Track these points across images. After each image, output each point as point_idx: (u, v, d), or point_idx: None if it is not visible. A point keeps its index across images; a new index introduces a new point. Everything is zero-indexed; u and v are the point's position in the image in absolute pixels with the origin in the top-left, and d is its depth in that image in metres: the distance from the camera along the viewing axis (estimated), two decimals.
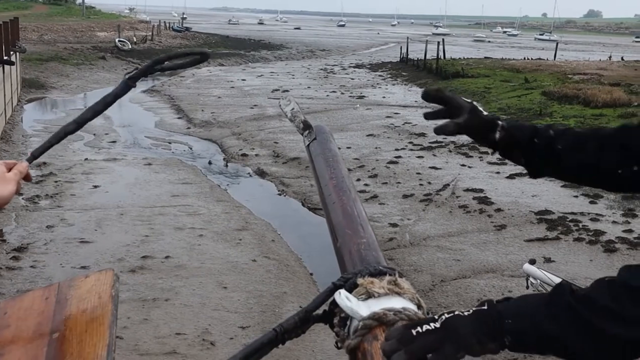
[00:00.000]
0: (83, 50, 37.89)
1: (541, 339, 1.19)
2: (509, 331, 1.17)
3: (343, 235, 1.20)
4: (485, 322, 1.17)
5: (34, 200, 10.20)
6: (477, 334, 1.14)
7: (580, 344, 1.19)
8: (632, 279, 1.20)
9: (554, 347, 1.20)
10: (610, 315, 1.17)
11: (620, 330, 1.16)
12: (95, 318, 1.06)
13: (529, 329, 1.19)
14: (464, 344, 1.12)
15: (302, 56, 53.30)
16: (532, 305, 1.21)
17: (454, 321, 1.11)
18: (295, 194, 11.45)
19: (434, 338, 1.06)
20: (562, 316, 1.18)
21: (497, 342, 1.16)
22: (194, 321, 6.43)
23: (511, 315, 1.19)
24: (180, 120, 19.57)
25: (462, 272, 7.67)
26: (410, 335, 1.04)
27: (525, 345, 1.20)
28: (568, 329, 1.19)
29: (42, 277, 7.36)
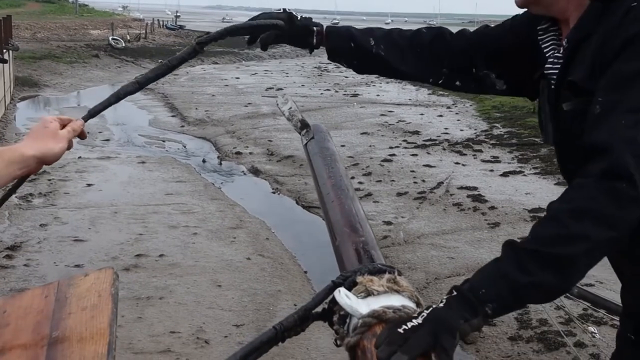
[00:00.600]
0: (76, 48, 37.76)
1: (518, 291, 1.25)
2: (488, 299, 1.23)
3: (341, 234, 1.21)
4: (463, 302, 1.22)
5: (27, 198, 10.17)
6: (462, 314, 1.19)
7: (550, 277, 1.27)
8: (555, 203, 1.37)
9: (530, 292, 1.26)
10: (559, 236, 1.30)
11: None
12: (95, 316, 1.06)
13: (504, 288, 1.25)
14: (455, 327, 1.15)
15: (296, 54, 53.17)
16: (493, 268, 1.29)
17: (435, 313, 1.13)
18: (289, 192, 11.46)
19: (426, 332, 1.08)
20: (524, 261, 1.24)
21: (480, 315, 1.21)
22: (188, 319, 6.42)
23: (482, 286, 1.24)
24: (174, 118, 19.55)
25: (456, 270, 7.68)
26: (399, 334, 1.05)
27: (506, 304, 1.27)
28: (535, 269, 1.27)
29: (35, 275, 7.34)
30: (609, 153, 1.38)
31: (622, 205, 1.32)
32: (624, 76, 1.51)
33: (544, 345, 5.87)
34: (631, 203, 1.32)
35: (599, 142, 1.42)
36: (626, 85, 1.49)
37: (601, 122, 1.47)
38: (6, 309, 1.14)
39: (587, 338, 5.84)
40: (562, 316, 6.09)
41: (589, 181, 1.37)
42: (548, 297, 1.33)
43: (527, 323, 6.25)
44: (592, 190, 1.35)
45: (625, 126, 1.41)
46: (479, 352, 5.94)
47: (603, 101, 1.50)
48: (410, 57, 2.05)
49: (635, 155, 1.36)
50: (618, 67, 1.53)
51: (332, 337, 1.15)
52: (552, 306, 5.80)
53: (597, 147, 1.42)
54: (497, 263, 1.31)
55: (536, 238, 1.33)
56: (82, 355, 0.98)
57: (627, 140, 1.39)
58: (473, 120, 18.46)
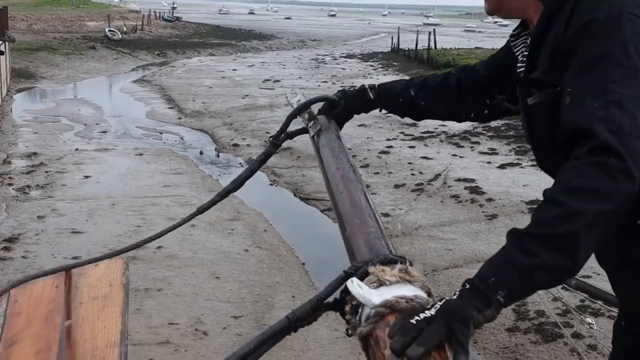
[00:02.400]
0: (73, 40, 37.66)
1: (527, 275, 1.28)
2: (498, 287, 1.25)
3: (351, 225, 1.21)
4: (474, 293, 1.24)
5: (24, 190, 10.16)
6: (475, 305, 1.20)
7: (554, 256, 1.30)
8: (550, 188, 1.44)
9: (537, 274, 1.29)
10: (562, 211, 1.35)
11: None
12: (106, 306, 1.06)
13: (512, 273, 1.28)
14: (468, 318, 1.16)
15: (293, 46, 53.19)
16: (500, 256, 1.32)
17: (448, 305, 1.14)
18: (287, 184, 11.46)
19: (440, 323, 1.09)
20: (527, 244, 1.26)
21: (493, 305, 1.23)
22: (186, 311, 6.43)
23: (491, 274, 1.27)
24: (171, 110, 19.52)
25: (454, 262, 7.70)
26: (412, 325, 1.06)
27: (516, 290, 1.29)
28: (538, 251, 1.30)
29: (34, 267, 7.34)
30: (590, 134, 1.45)
31: (613, 177, 1.37)
32: (585, 63, 1.60)
33: (541, 337, 5.89)
34: (622, 174, 1.38)
35: (577, 126, 1.50)
36: (589, 71, 1.57)
37: (574, 109, 1.55)
38: (17, 298, 1.15)
39: (584, 329, 5.87)
40: (560, 307, 6.11)
41: (578, 162, 1.43)
42: (556, 277, 1.36)
43: (525, 314, 6.27)
44: (582, 168, 1.41)
45: (597, 108, 1.49)
46: (476, 343, 5.96)
47: (571, 91, 1.59)
48: (444, 100, 2.28)
49: (613, 131, 1.43)
50: (579, 55, 1.62)
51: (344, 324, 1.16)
52: (549, 297, 5.82)
53: (577, 131, 1.50)
54: (503, 251, 1.34)
55: (536, 221, 1.37)
56: (94, 344, 0.99)
57: (602, 120, 1.46)
58: None
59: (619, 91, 1.52)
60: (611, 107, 1.49)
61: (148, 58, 37.54)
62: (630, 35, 1.59)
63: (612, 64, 1.56)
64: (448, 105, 2.27)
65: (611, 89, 1.52)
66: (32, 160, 12.20)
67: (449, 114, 2.34)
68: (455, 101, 2.26)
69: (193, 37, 52.90)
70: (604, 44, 1.59)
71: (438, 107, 2.29)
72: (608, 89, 1.52)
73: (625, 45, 1.58)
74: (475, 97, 2.25)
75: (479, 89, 2.24)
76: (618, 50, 1.57)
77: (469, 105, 2.27)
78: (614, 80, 1.53)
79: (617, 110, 1.49)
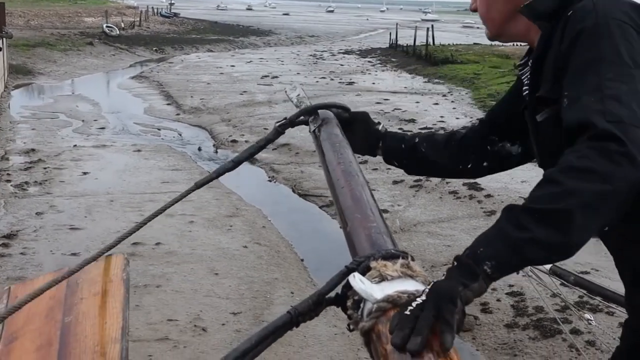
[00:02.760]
0: (70, 36, 37.61)
1: (517, 248, 1.29)
2: (486, 257, 1.26)
3: (352, 220, 1.21)
4: (461, 268, 1.25)
5: (22, 187, 10.16)
6: (460, 280, 1.22)
7: (546, 231, 1.31)
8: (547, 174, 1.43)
9: (529, 247, 1.29)
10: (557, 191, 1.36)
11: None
12: (107, 301, 1.06)
13: (502, 245, 1.29)
14: (454, 295, 1.17)
15: (291, 42, 53.15)
16: (492, 230, 1.34)
17: (436, 286, 1.15)
18: (285, 180, 11.46)
19: (430, 307, 1.09)
20: (521, 219, 1.28)
21: (479, 276, 1.23)
22: (185, 307, 6.43)
23: (481, 246, 1.28)
24: (169, 106, 19.50)
25: (453, 258, 7.71)
26: (407, 316, 1.06)
27: (505, 261, 1.29)
28: (531, 225, 1.31)
29: (32, 264, 7.34)
30: (590, 125, 1.47)
31: (613, 160, 1.38)
32: (578, 68, 1.64)
33: (540, 333, 5.90)
34: (623, 157, 1.38)
35: (577, 120, 1.52)
36: (583, 74, 1.61)
37: (572, 108, 1.58)
38: (17, 294, 1.15)
39: (583, 325, 5.88)
40: (558, 303, 6.12)
41: (579, 146, 1.45)
42: (548, 253, 1.36)
43: (524, 310, 6.29)
44: (583, 151, 1.42)
45: (594, 102, 1.52)
46: (475, 339, 5.97)
47: (568, 94, 1.62)
48: (446, 152, 2.29)
49: (612, 121, 1.45)
50: (573, 63, 1.66)
51: (343, 320, 1.16)
52: (548, 294, 5.82)
53: (577, 125, 1.51)
54: (496, 224, 1.35)
55: (532, 198, 1.38)
56: (95, 339, 0.99)
57: (600, 113, 1.48)
58: (469, 109, 18.46)
59: (615, 86, 1.54)
60: (607, 101, 1.51)
61: (146, 54, 37.51)
62: (619, 39, 1.63)
63: (604, 63, 1.59)
64: (448, 156, 2.28)
65: (606, 85, 1.55)
66: (30, 156, 12.19)
67: (445, 165, 2.33)
68: (456, 152, 2.28)
69: (191, 33, 52.82)
70: (595, 49, 1.63)
71: (437, 157, 2.29)
72: (603, 85, 1.55)
73: (616, 47, 1.62)
74: (475, 146, 2.27)
75: (480, 138, 2.27)
76: (610, 52, 1.61)
77: (467, 156, 2.28)
78: (608, 78, 1.56)
79: (614, 103, 1.50)
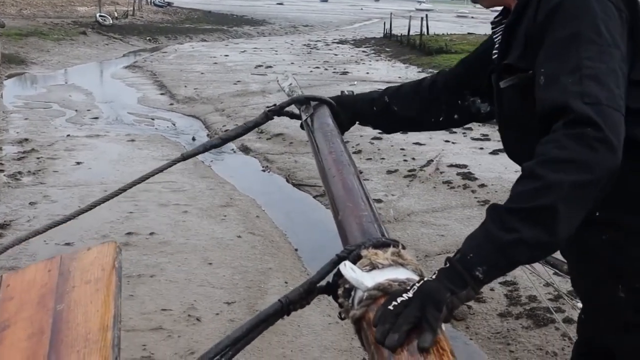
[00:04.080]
0: (63, 25, 37.38)
1: (506, 251, 1.27)
2: (477, 263, 1.25)
3: (344, 209, 1.21)
4: (451, 273, 1.24)
5: (16, 176, 10.13)
6: (448, 287, 1.21)
7: (532, 230, 1.29)
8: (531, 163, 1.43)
9: (517, 249, 1.28)
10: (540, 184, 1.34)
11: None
12: (99, 289, 1.06)
13: (491, 249, 1.27)
14: (441, 301, 1.17)
15: (285, 32, 52.98)
16: (479, 232, 1.31)
17: (424, 286, 1.15)
18: (279, 170, 11.45)
19: (414, 307, 1.09)
20: (506, 220, 1.26)
21: (470, 284, 1.22)
22: (179, 297, 6.43)
23: (470, 251, 1.27)
24: (163, 96, 19.44)
25: (446, 247, 7.72)
26: (389, 312, 1.06)
27: (495, 265, 1.29)
28: (517, 225, 1.30)
29: (25, 253, 7.32)
30: (567, 108, 1.44)
31: (592, 147, 1.36)
32: (556, 44, 1.59)
33: (533, 322, 5.92)
34: (601, 144, 1.37)
35: (553, 103, 1.50)
36: (561, 51, 1.56)
37: (549, 88, 1.54)
38: (9, 283, 1.14)
39: (575, 314, 5.87)
40: (552, 292, 6.15)
41: (556, 134, 1.42)
42: (537, 252, 1.35)
43: (517, 300, 6.31)
44: (559, 140, 1.39)
45: (572, 83, 1.48)
46: (468, 328, 5.99)
47: (545, 72, 1.58)
48: (415, 104, 2.25)
49: (589, 103, 1.42)
50: (550, 38, 1.61)
51: (337, 310, 1.16)
52: (541, 283, 5.86)
53: (554, 108, 1.49)
54: (483, 226, 1.34)
55: (514, 196, 1.37)
56: (87, 327, 0.99)
57: (578, 94, 1.45)
58: None
59: (594, 66, 1.51)
60: (586, 81, 1.48)
61: (139, 44, 37.34)
62: (600, 15, 1.59)
63: (583, 41, 1.55)
64: (419, 109, 2.24)
65: (585, 65, 1.51)
66: (23, 146, 12.15)
67: (417, 119, 2.29)
68: (426, 104, 2.23)
69: (185, 23, 52.61)
70: (574, 25, 1.58)
71: (409, 111, 2.24)
72: (582, 65, 1.51)
73: (595, 24, 1.57)
74: (446, 98, 2.22)
75: (450, 89, 2.22)
76: (589, 29, 1.56)
77: (438, 108, 2.23)
78: (587, 57, 1.53)
79: (592, 83, 1.47)
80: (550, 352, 5.48)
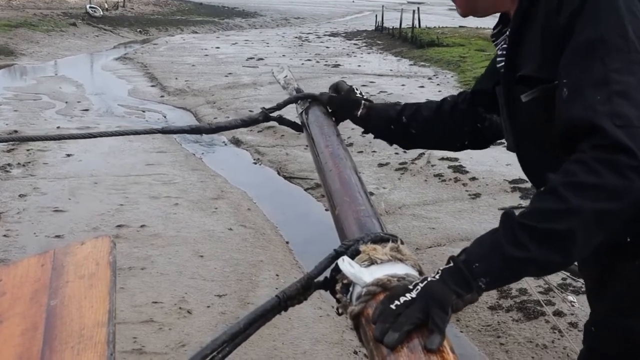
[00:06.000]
0: (53, 16, 37.11)
1: (513, 267, 1.25)
2: (481, 274, 1.22)
3: (341, 203, 1.19)
4: (456, 276, 1.21)
5: (5, 168, 10.07)
6: (454, 289, 1.19)
7: (546, 252, 1.24)
8: (552, 180, 1.34)
9: (526, 267, 1.26)
10: (556, 209, 1.27)
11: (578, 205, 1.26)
12: (94, 284, 1.05)
13: (498, 263, 1.24)
14: (446, 303, 1.15)
15: (277, 24, 52.82)
16: (490, 240, 1.27)
17: (428, 287, 1.13)
18: (270, 163, 11.43)
19: (418, 308, 1.07)
20: (520, 236, 1.23)
21: (473, 290, 1.21)
22: (170, 290, 6.42)
23: (476, 259, 1.24)
24: (153, 88, 19.35)
25: (437, 240, 7.73)
26: (391, 310, 1.04)
27: (500, 279, 1.26)
28: (530, 244, 1.23)
29: (15, 246, 7.29)
30: (596, 130, 1.34)
31: (624, 175, 1.28)
32: (580, 49, 1.47)
33: (523, 315, 5.94)
34: (633, 172, 1.28)
35: (580, 120, 1.38)
36: (585, 59, 1.45)
37: (573, 102, 1.42)
38: (2, 277, 1.13)
39: (565, 307, 5.93)
40: (542, 286, 6.17)
41: (585, 155, 1.33)
42: (545, 271, 1.32)
43: (507, 292, 6.32)
44: (590, 164, 1.30)
45: (600, 102, 1.37)
46: (459, 321, 6.00)
47: (568, 82, 1.46)
48: (437, 129, 2.18)
49: (621, 126, 1.32)
50: (573, 42, 1.48)
51: (328, 302, 1.15)
52: None
53: (580, 126, 1.38)
54: (493, 235, 1.29)
55: (534, 212, 1.30)
56: (82, 323, 0.97)
57: (608, 115, 1.34)
58: (454, 91, 18.35)
59: (622, 80, 1.39)
60: (615, 99, 1.36)
61: (130, 35, 37.16)
62: (626, 15, 1.45)
63: (610, 49, 1.42)
64: (442, 134, 2.17)
65: (613, 79, 1.39)
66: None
67: (442, 143, 2.24)
68: (449, 129, 2.15)
69: (175, 15, 52.36)
70: (599, 27, 1.45)
71: (431, 136, 2.20)
72: (610, 79, 1.39)
73: (621, 26, 1.44)
74: (470, 123, 2.15)
75: (473, 112, 2.14)
76: (614, 33, 1.43)
77: (463, 133, 2.16)
78: (614, 69, 1.40)
79: (622, 101, 1.36)
80: (541, 345, 5.50)
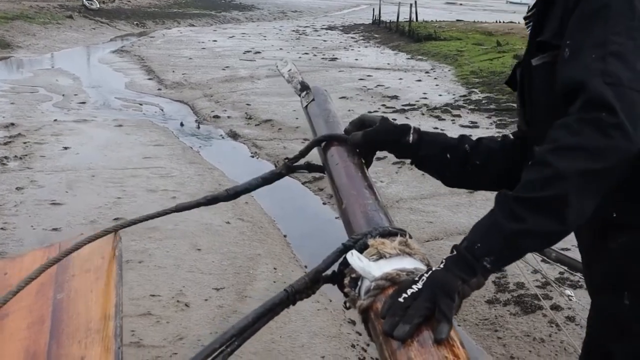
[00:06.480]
0: (49, 9, 36.97)
1: (513, 241, 1.26)
2: (484, 253, 1.23)
3: (348, 197, 1.19)
4: (460, 262, 1.22)
5: (2, 161, 10.05)
6: (458, 275, 1.19)
7: (542, 220, 1.24)
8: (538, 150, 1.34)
9: (526, 239, 1.26)
10: (547, 174, 1.28)
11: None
12: (100, 278, 1.05)
13: (498, 239, 1.25)
14: (452, 290, 1.15)
15: (274, 17, 52.71)
16: (487, 220, 1.29)
17: (434, 277, 1.13)
18: (268, 156, 11.43)
19: (425, 298, 1.07)
20: (515, 209, 1.24)
21: (479, 272, 1.21)
22: (168, 283, 6.41)
23: (477, 240, 1.25)
24: (151, 81, 19.31)
25: (435, 234, 7.74)
26: (399, 303, 1.04)
27: (503, 255, 1.27)
28: (526, 215, 1.27)
29: (12, 239, 7.28)
30: (584, 87, 1.37)
31: (606, 134, 1.30)
32: (585, 16, 1.50)
33: (520, 309, 5.95)
34: (615, 130, 1.30)
35: (572, 79, 1.43)
36: (589, 24, 1.48)
37: (572, 62, 1.47)
38: (7, 270, 1.12)
39: (563, 301, 5.94)
40: (539, 279, 6.18)
41: (570, 118, 1.36)
42: (545, 241, 1.33)
43: (505, 286, 6.33)
44: (574, 126, 1.33)
45: (594, 60, 1.40)
46: (456, 315, 6.01)
47: (570, 44, 1.50)
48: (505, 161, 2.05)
49: (609, 84, 1.35)
50: (580, 10, 1.52)
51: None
52: (529, 270, 5.88)
53: (572, 85, 1.42)
54: (491, 215, 1.31)
55: (524, 183, 1.32)
56: (89, 316, 0.97)
57: (598, 73, 1.37)
58: (452, 85, 18.43)
59: (620, 42, 1.42)
60: (610, 59, 1.40)
61: (127, 28, 37.05)
62: None
63: (613, 14, 1.46)
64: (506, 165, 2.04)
65: (611, 40, 1.43)
66: (9, 131, 12.04)
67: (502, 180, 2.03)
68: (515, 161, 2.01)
69: (172, 7, 52.19)
70: None
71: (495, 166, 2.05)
72: (608, 40, 1.43)
73: None
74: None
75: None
76: (620, 0, 1.47)
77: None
78: (615, 32, 1.44)
79: (616, 62, 1.39)
80: (538, 339, 5.51)
